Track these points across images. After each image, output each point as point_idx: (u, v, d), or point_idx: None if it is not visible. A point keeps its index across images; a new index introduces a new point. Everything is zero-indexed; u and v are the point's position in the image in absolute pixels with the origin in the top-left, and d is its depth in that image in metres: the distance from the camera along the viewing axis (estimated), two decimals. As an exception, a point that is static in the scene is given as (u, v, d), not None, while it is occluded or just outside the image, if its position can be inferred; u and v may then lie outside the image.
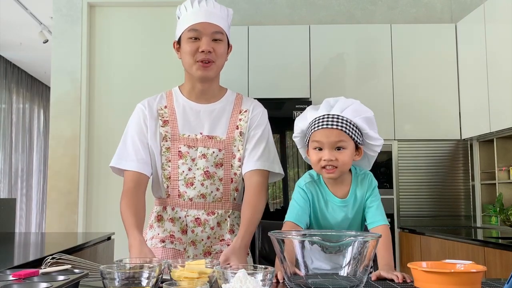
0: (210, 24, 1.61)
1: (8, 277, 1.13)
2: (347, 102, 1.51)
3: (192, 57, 1.60)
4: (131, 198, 1.58)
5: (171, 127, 1.65)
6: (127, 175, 1.63)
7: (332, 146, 1.47)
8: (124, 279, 1.05)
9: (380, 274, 1.36)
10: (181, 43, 1.64)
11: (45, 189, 8.14)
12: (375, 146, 1.55)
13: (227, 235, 1.66)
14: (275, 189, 3.89)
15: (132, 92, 4.09)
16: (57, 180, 4.12)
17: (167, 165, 1.64)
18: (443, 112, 4.02)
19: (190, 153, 1.63)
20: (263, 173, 1.64)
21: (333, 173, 1.49)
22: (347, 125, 1.47)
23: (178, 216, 1.65)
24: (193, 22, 1.60)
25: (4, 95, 7.28)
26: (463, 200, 3.99)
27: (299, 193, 1.55)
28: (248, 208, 1.57)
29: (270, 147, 1.69)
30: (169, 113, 1.67)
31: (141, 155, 1.63)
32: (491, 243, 2.77)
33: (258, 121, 1.70)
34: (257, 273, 1.05)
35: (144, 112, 1.67)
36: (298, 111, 3.74)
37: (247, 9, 4.39)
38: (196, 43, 1.60)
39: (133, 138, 1.66)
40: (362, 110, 1.51)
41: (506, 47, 3.37)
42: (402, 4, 4.44)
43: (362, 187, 1.54)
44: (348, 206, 1.53)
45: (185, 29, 1.61)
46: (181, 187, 1.63)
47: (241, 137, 1.66)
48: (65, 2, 4.26)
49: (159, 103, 1.69)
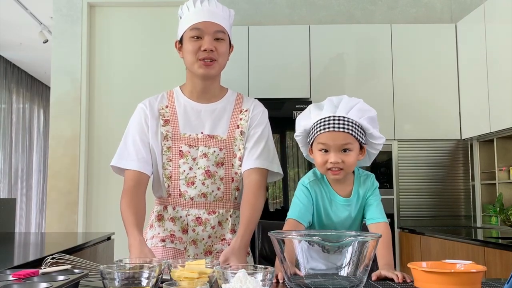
0: (212, 23, 1.61)
1: (8, 277, 1.13)
2: (351, 102, 1.50)
3: (195, 55, 1.61)
4: (132, 197, 1.58)
5: (172, 127, 1.65)
6: (128, 174, 1.63)
7: (339, 149, 1.47)
8: (124, 279, 1.05)
9: (380, 273, 1.36)
10: (183, 42, 1.65)
11: (45, 189, 8.13)
12: (377, 145, 1.55)
13: (228, 235, 1.66)
14: (275, 189, 3.89)
15: (132, 92, 4.09)
16: (57, 180, 4.12)
17: (168, 164, 1.65)
18: (443, 112, 4.02)
19: (191, 153, 1.63)
20: (262, 171, 1.64)
21: (338, 175, 1.49)
22: (353, 127, 1.47)
23: (179, 216, 1.65)
24: (196, 21, 1.61)
25: (4, 95, 7.28)
26: (463, 200, 3.99)
27: (302, 192, 1.55)
28: (247, 207, 1.57)
29: (270, 146, 1.69)
30: (170, 113, 1.67)
31: (141, 155, 1.64)
32: (491, 243, 2.77)
33: (258, 120, 1.70)
34: (257, 273, 1.05)
35: (145, 112, 1.68)
36: (298, 111, 3.74)
37: (247, 9, 4.39)
38: (198, 42, 1.60)
39: (134, 138, 1.66)
40: (367, 109, 1.50)
41: (506, 47, 3.37)
42: (402, 4, 4.44)
43: (364, 186, 1.55)
44: (351, 205, 1.54)
45: (187, 28, 1.62)
46: (182, 187, 1.64)
47: (242, 136, 1.67)
48: (65, 2, 4.26)
49: (160, 102, 1.70)
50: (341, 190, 1.55)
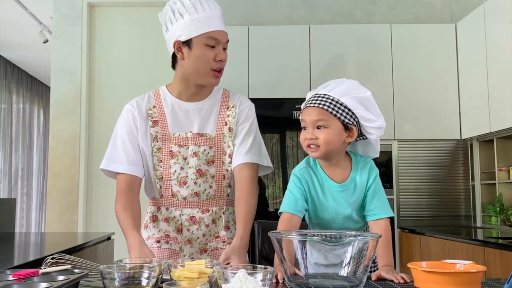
0: (225, 33, 1.61)
1: (8, 277, 1.13)
2: (339, 82, 1.53)
3: (208, 64, 1.59)
4: (126, 200, 1.58)
5: (161, 127, 1.64)
6: (120, 178, 1.62)
7: (313, 125, 1.47)
8: (124, 279, 1.05)
9: (380, 274, 1.36)
10: (193, 46, 1.58)
11: (45, 189, 8.13)
12: (371, 128, 1.50)
13: (222, 232, 1.66)
14: (275, 189, 3.89)
15: (132, 92, 4.02)
16: (57, 180, 4.12)
17: (158, 165, 1.64)
18: (443, 112, 4.01)
19: (182, 152, 1.63)
20: (253, 166, 1.64)
21: (316, 152, 1.48)
22: (330, 103, 1.47)
23: (173, 216, 1.65)
24: (212, 28, 1.57)
25: (4, 95, 7.28)
26: (463, 200, 3.99)
27: (293, 182, 1.54)
28: (243, 205, 1.57)
29: (258, 141, 1.69)
30: (158, 113, 1.66)
31: (132, 157, 1.62)
32: (491, 243, 2.77)
33: (245, 116, 1.69)
34: (257, 273, 1.05)
35: (134, 113, 1.66)
36: (298, 111, 3.74)
37: (247, 9, 4.39)
38: (214, 51, 1.58)
39: (123, 140, 1.64)
40: (354, 89, 1.50)
41: (506, 47, 3.37)
42: (402, 4, 4.44)
43: (363, 174, 1.52)
44: (347, 191, 1.51)
45: (202, 33, 1.57)
46: (174, 187, 1.63)
47: (230, 133, 1.66)
48: (65, 2, 4.26)
49: (147, 103, 1.68)
50: (336, 175, 1.52)
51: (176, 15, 1.61)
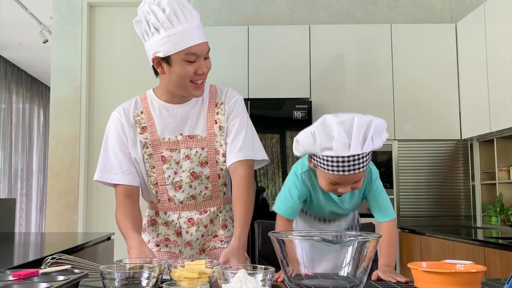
0: (205, 44, 1.53)
1: (8, 277, 1.13)
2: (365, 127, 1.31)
3: (188, 79, 1.53)
4: (126, 208, 1.57)
5: (150, 133, 1.61)
6: (117, 188, 1.62)
7: (351, 183, 1.40)
8: (124, 279, 1.05)
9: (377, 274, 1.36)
10: (172, 63, 1.52)
11: (45, 189, 8.13)
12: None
13: (220, 231, 1.66)
14: (275, 189, 3.89)
15: (132, 92, 4.06)
16: (57, 180, 4.12)
17: (152, 171, 1.62)
18: (443, 112, 4.01)
19: (174, 157, 1.60)
20: (248, 162, 1.61)
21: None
22: (367, 158, 1.34)
23: (171, 220, 1.64)
24: (190, 43, 1.48)
25: (4, 95, 7.28)
26: (463, 200, 3.99)
27: (294, 183, 1.54)
28: (240, 204, 1.55)
29: (250, 135, 1.64)
30: (146, 119, 1.63)
31: (125, 167, 1.61)
32: (491, 243, 2.77)
33: (234, 112, 1.65)
34: (257, 273, 1.05)
35: (121, 121, 1.63)
36: (298, 111, 3.74)
37: (247, 9, 4.39)
38: (193, 65, 1.51)
39: (114, 150, 1.62)
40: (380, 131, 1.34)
41: (506, 47, 3.37)
42: (402, 4, 4.44)
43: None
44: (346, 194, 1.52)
45: (181, 50, 1.48)
46: (169, 192, 1.62)
47: (221, 132, 1.63)
48: (65, 2, 4.26)
49: (135, 109, 1.65)
50: None
51: (152, 29, 1.54)
